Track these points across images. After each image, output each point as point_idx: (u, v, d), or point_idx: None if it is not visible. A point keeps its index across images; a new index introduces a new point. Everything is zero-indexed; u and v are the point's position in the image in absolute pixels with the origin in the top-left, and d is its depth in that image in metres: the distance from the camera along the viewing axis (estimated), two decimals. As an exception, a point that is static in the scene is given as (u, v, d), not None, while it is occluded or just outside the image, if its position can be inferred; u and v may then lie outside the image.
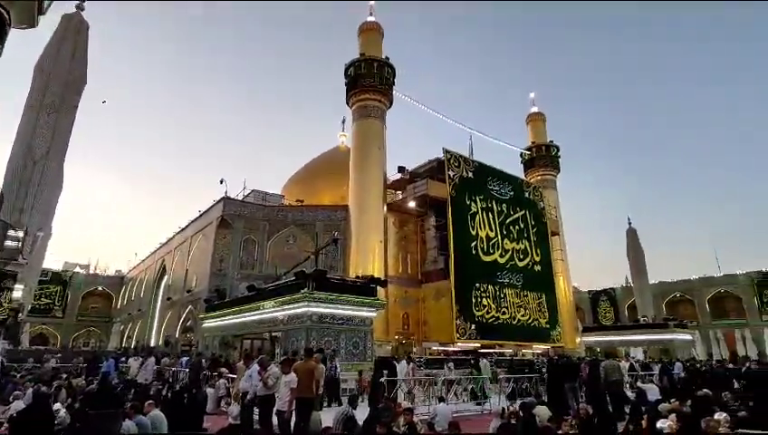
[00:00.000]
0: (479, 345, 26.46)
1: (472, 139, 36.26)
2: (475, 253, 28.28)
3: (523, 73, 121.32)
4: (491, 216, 30.28)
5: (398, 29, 77.69)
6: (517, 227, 31.94)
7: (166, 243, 39.20)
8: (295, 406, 7.84)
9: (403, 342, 27.32)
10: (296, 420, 7.89)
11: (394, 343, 26.20)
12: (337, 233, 26.28)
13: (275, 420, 7.88)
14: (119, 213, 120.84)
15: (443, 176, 28.77)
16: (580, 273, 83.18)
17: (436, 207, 29.00)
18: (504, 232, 30.77)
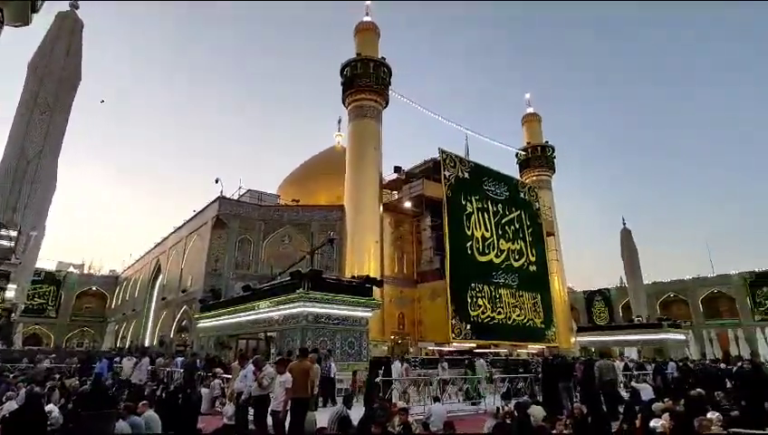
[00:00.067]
0: (474, 345, 26.51)
1: (468, 139, 36.45)
2: (470, 253, 28.34)
3: (519, 74, 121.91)
4: (486, 216, 30.35)
5: (394, 29, 77.85)
6: (512, 228, 32.04)
7: (161, 243, 39.02)
8: (290, 406, 7.83)
9: (399, 342, 27.33)
10: (291, 420, 7.88)
11: (390, 343, 26.21)
12: (333, 233, 26.24)
13: (270, 421, 7.87)
14: (113, 213, 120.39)
15: (439, 176, 28.82)
16: (575, 273, 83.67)
17: (431, 207, 29.03)
18: (500, 232, 30.86)
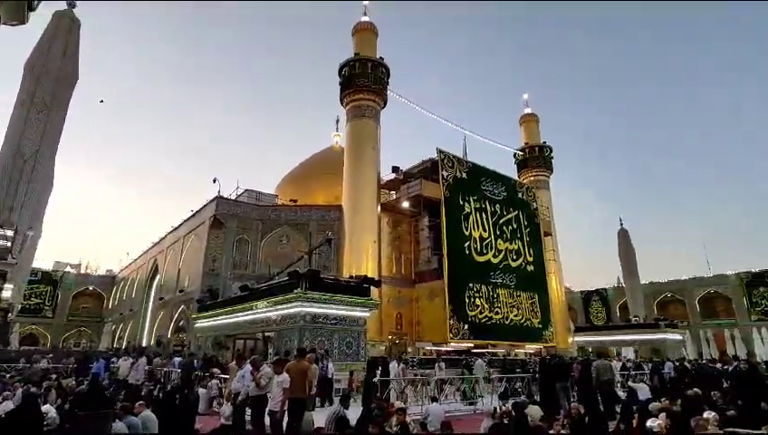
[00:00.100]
0: (472, 345, 26.56)
1: (466, 139, 36.45)
2: (468, 253, 28.37)
3: (517, 74, 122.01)
4: (484, 216, 30.40)
5: (392, 29, 77.98)
6: (510, 228, 32.08)
7: (158, 242, 38.91)
8: (288, 406, 7.82)
9: (396, 342, 27.34)
10: (288, 420, 7.87)
11: (387, 343, 26.22)
12: (330, 233, 26.21)
13: (268, 421, 7.86)
14: (110, 212, 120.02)
15: (437, 176, 28.85)
16: (573, 273, 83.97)
17: (429, 207, 29.05)
18: (498, 232, 30.91)
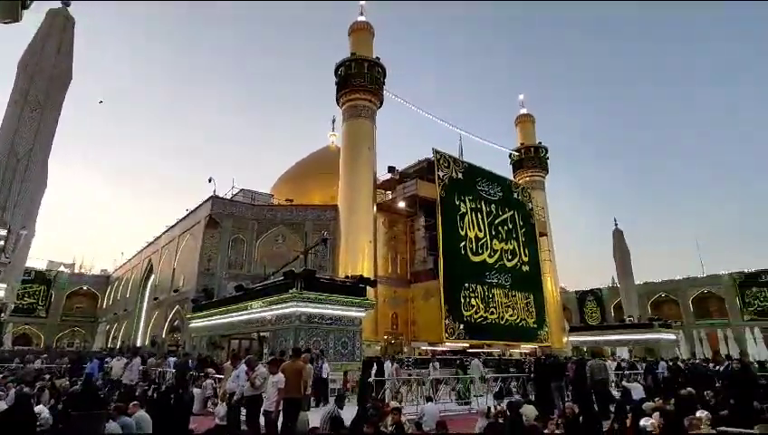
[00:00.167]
0: (468, 345, 26.61)
1: (461, 139, 36.49)
2: (463, 253, 28.42)
3: (513, 74, 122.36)
4: (480, 216, 30.45)
5: (388, 29, 77.93)
6: (506, 228, 32.16)
7: (153, 242, 38.75)
8: (282, 406, 7.81)
9: (392, 342, 27.35)
10: (283, 420, 7.86)
11: (383, 343, 26.22)
12: (326, 233, 26.22)
13: (262, 421, 7.85)
14: (106, 212, 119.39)
15: (432, 176, 28.87)
16: (568, 273, 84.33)
17: (425, 207, 29.07)
18: (493, 232, 30.97)
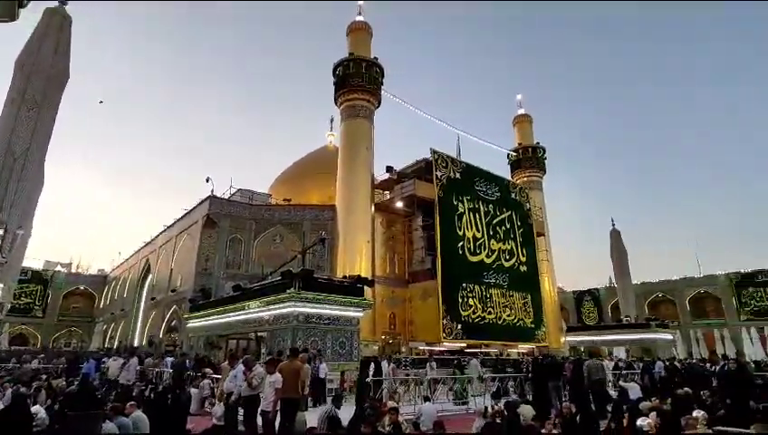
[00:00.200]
0: (465, 345, 26.64)
1: (459, 139, 36.50)
2: (461, 253, 28.43)
3: (512, 74, 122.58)
4: (478, 216, 30.47)
5: (387, 29, 77.97)
6: (503, 228, 32.20)
7: (150, 242, 38.64)
8: (280, 406, 7.80)
9: (390, 342, 27.37)
10: (281, 420, 7.85)
11: (381, 343, 26.22)
12: (324, 232, 26.18)
13: (260, 421, 7.84)
14: (104, 212, 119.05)
15: (430, 176, 28.88)
16: (565, 273, 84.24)
17: (423, 207, 29.08)
18: (491, 232, 31.00)
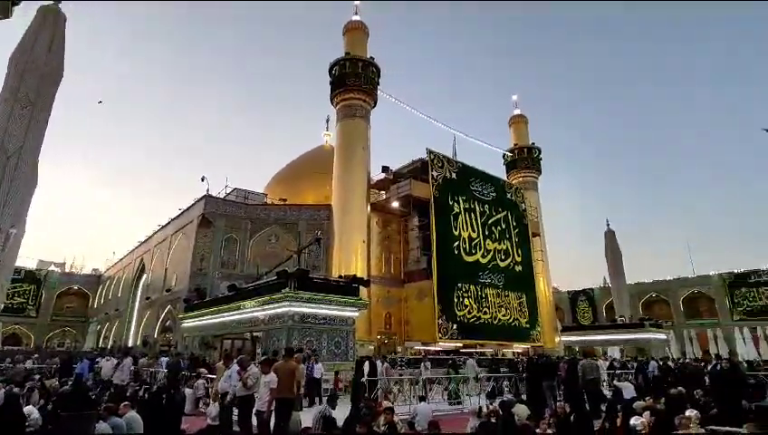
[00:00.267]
0: (461, 345, 26.69)
1: (455, 139, 36.54)
2: (457, 253, 28.50)
3: (511, 75, 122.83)
4: (473, 216, 30.55)
5: (383, 29, 77.97)
6: (499, 228, 32.29)
7: (145, 241, 38.43)
8: (275, 406, 7.78)
9: (385, 341, 27.37)
10: (276, 420, 7.83)
11: (376, 343, 26.23)
12: (320, 232, 26.13)
13: (255, 421, 7.82)
14: (96, 211, 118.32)
15: (426, 176, 28.94)
16: (560, 273, 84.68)
17: (419, 207, 29.13)
18: (486, 233, 31.08)
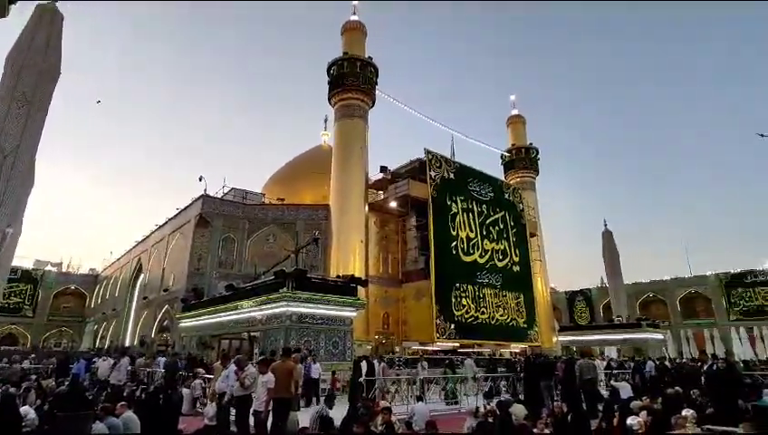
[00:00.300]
0: (458, 345, 26.70)
1: (453, 140, 36.55)
2: (455, 253, 28.50)
3: (511, 75, 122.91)
4: (471, 216, 30.56)
5: (381, 29, 77.91)
6: (497, 228, 32.31)
7: (142, 241, 38.35)
8: (272, 406, 7.77)
9: (383, 341, 27.36)
10: (273, 420, 7.82)
11: (374, 343, 26.22)
12: (317, 232, 26.13)
13: (252, 421, 7.81)
14: (93, 211, 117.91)
15: (424, 176, 28.93)
16: (558, 273, 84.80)
17: (417, 207, 29.13)
18: (484, 233, 31.10)
